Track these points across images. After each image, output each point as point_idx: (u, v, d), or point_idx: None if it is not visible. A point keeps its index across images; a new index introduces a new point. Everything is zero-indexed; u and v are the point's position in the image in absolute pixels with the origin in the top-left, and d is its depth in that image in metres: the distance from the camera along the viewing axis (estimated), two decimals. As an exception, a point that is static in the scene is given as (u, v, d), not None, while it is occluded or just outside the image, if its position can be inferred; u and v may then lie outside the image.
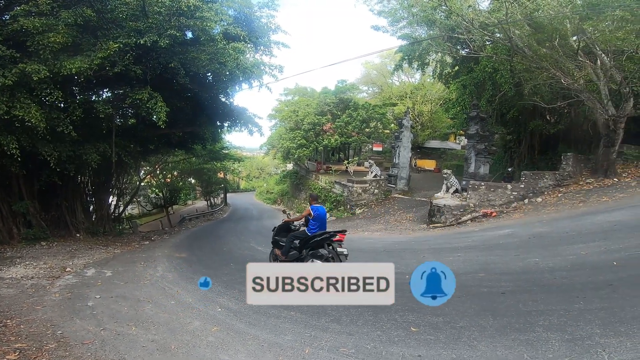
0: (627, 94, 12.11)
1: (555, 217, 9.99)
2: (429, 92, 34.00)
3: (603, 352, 3.36)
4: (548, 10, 11.71)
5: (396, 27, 18.05)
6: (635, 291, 4.60)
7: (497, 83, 14.98)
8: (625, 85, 12.03)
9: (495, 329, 4.11)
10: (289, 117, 30.90)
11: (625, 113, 12.25)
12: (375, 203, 19.97)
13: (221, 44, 10.30)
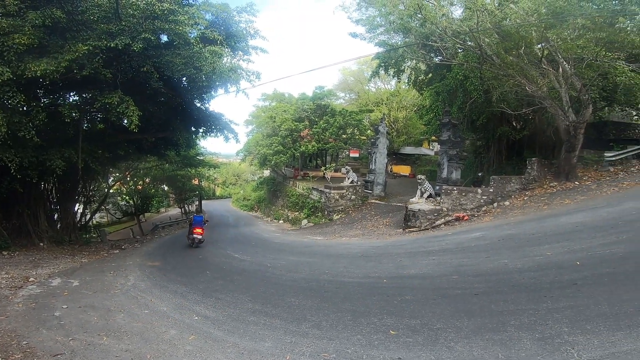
0: (586, 100, 12.86)
1: (522, 220, 10.45)
2: (404, 98, 34.84)
3: (572, 350, 3.49)
4: (515, 19, 12.31)
5: (373, 34, 18.40)
6: (597, 289, 4.82)
7: (468, 90, 15.52)
8: (585, 92, 12.77)
9: (471, 329, 4.22)
10: (266, 123, 30.74)
11: (584, 119, 13.01)
12: (352, 209, 20.15)
13: (197, 47, 10.16)
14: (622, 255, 5.94)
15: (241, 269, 9.40)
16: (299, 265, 9.13)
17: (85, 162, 12.44)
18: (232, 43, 12.44)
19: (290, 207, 26.92)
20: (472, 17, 12.98)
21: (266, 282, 7.59)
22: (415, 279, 6.69)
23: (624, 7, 11.18)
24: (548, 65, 13.01)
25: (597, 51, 12.06)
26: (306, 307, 5.65)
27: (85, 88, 11.99)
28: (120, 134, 13.88)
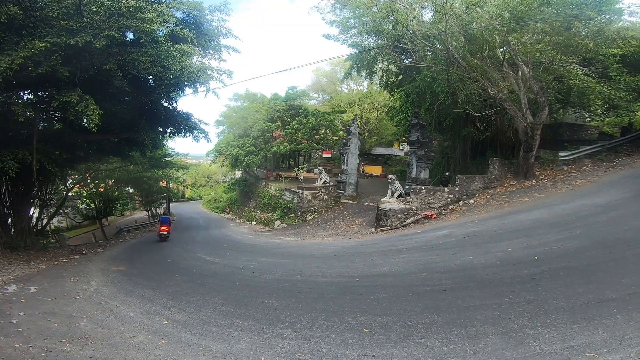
0: (542, 103, 13.71)
1: (485, 217, 10.99)
2: (376, 100, 35.44)
3: (534, 343, 3.66)
4: (481, 23, 12.84)
5: (347, 36, 18.57)
6: (555, 283, 5.13)
7: (436, 92, 16.04)
8: (542, 95, 13.59)
9: (440, 325, 4.37)
10: (237, 123, 30.26)
11: (541, 121, 13.86)
12: (325, 209, 20.27)
13: (165, 45, 9.82)
14: (575, 250, 6.39)
15: (212, 271, 9.21)
16: (272, 267, 9.09)
17: (41, 164, 11.66)
18: (203, 42, 12.12)
19: (262, 209, 26.65)
20: (441, 21, 13.37)
21: (239, 284, 7.49)
22: (387, 277, 6.84)
23: (580, 11, 11.73)
24: (509, 68, 13.69)
25: (554, 55, 12.77)
26: (280, 308, 5.64)
27: (41, 86, 11.24)
28: (79, 134, 13.11)
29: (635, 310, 3.99)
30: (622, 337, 3.52)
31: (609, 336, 3.58)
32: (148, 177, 29.58)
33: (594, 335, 3.65)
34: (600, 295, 4.51)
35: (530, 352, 3.53)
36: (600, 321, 3.90)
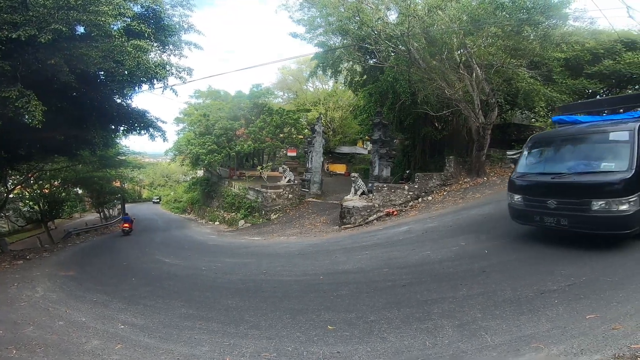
0: (493, 104, 14.63)
1: (442, 213, 11.58)
2: (341, 99, 35.88)
3: (486, 335, 3.81)
4: (441, 25, 13.37)
5: (313, 35, 18.55)
6: (503, 276, 5.47)
7: (397, 92, 16.50)
8: (492, 97, 14.51)
9: (401, 320, 4.49)
10: (198, 121, 29.32)
11: (491, 121, 14.79)
12: (290, 208, 20.25)
13: (119, 40, 9.26)
14: (522, 244, 6.88)
15: (172, 273, 8.92)
16: (236, 267, 8.96)
17: (-25, 164, 10.59)
18: (162, 37, 11.59)
19: (226, 208, 26.10)
20: (405, 22, 13.74)
21: (200, 286, 7.32)
22: (350, 273, 6.99)
23: (530, 16, 12.42)
24: (464, 70, 14.37)
25: (504, 58, 13.56)
26: (244, 308, 5.59)
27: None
28: (21, 132, 12.05)
29: (574, 301, 4.25)
30: (563, 328, 3.70)
31: (552, 327, 3.77)
32: (99, 177, 27.84)
33: (539, 326, 3.83)
34: (543, 286, 4.80)
35: (483, 344, 3.67)
36: (543, 312, 4.12)
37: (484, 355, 3.46)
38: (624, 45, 16.81)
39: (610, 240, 5.87)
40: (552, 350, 3.32)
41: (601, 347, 3.20)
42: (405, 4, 13.74)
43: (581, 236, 6.06)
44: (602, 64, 16.22)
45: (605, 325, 3.58)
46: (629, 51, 16.48)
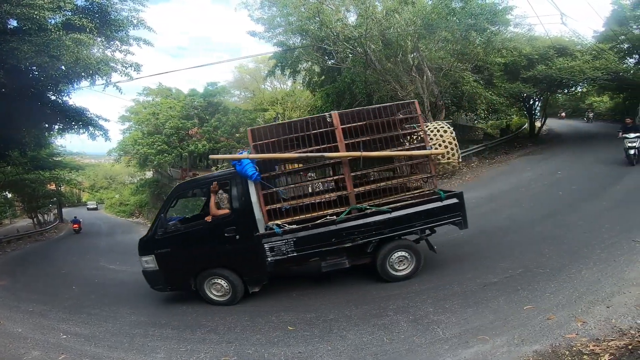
0: (441, 106, 15.54)
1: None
2: (299, 99, 35.77)
3: (438, 329, 3.99)
4: (397, 28, 13.91)
5: (272, 34, 18.36)
6: (449, 270, 5.75)
7: (354, 93, 16.92)
8: (440, 98, 15.41)
9: (359, 317, 4.60)
10: (147, 120, 27.75)
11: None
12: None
13: (56, 34, 8.51)
14: (464, 238, 7.15)
15: (119, 280, 8.41)
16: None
17: None
18: (108, 32, 10.84)
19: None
20: (363, 25, 14.07)
21: (151, 292, 6.95)
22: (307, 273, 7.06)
23: (477, 22, 13.28)
24: (416, 73, 15.13)
25: (452, 62, 14.50)
26: (200, 313, 5.42)
27: None
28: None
29: (512, 293, 4.58)
30: (505, 319, 3.96)
31: (495, 318, 4.02)
32: (31, 180, 25.24)
33: (483, 318, 4.07)
34: (485, 279, 5.14)
35: (436, 337, 3.85)
36: (487, 304, 4.39)
37: (437, 349, 3.63)
38: (556, 51, 18.43)
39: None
40: (496, 342, 3.53)
41: (539, 337, 3.46)
42: (364, 6, 14.11)
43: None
44: (536, 69, 17.62)
45: (541, 315, 3.87)
46: (560, 57, 18.10)
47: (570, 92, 25.47)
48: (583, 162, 13.83)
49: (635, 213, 7.20)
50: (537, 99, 23.43)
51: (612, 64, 18.34)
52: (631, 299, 3.86)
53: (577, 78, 17.84)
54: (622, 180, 10.17)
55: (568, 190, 10.03)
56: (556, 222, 7.50)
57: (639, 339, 3.08)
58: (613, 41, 20.50)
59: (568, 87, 21.79)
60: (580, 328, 3.48)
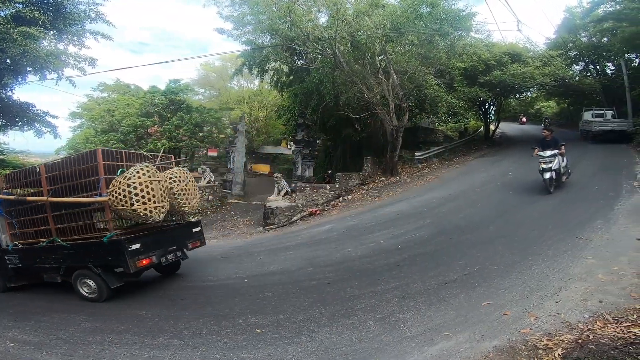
0: (405, 108, 16.03)
1: (360, 211, 12.30)
2: (266, 98, 35.25)
3: (404, 327, 4.10)
4: (366, 31, 14.10)
5: (241, 32, 17.87)
6: (413, 269, 6.01)
7: (322, 94, 16.89)
8: (405, 101, 15.89)
9: (327, 318, 4.64)
10: (101, 117, 26.08)
11: (403, 124, 16.21)
12: (210, 210, 19.35)
13: (3, 27, 7.79)
14: (427, 238, 7.72)
15: (68, 284, 7.87)
16: (149, 275, 8.26)
17: None
18: (61, 25, 10.07)
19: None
20: (334, 26, 14.08)
21: (109, 298, 6.61)
22: (276, 275, 6.99)
23: (442, 26, 13.75)
24: (383, 75, 15.46)
25: (417, 65, 14.96)
26: (162, 318, 5.21)
27: None
28: None
29: (471, 290, 4.83)
30: (465, 316, 4.15)
31: (457, 315, 4.21)
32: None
33: (446, 316, 4.24)
34: (446, 277, 5.39)
35: (403, 335, 3.97)
36: (448, 302, 4.60)
37: (405, 346, 3.75)
38: (511, 57, 19.65)
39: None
40: (459, 338, 3.70)
41: (497, 333, 3.66)
42: (336, 7, 14.17)
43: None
44: (492, 74, 18.77)
45: (497, 311, 4.11)
46: (514, 63, 19.32)
47: (521, 97, 27.28)
48: (531, 164, 14.86)
49: (577, 210, 7.92)
50: (492, 103, 24.89)
51: (560, 70, 19.83)
52: (577, 294, 4.21)
53: (528, 84, 19.20)
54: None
55: (518, 190, 10.79)
56: (508, 221, 8.06)
57: (588, 333, 3.32)
58: (562, 48, 22.20)
59: (520, 92, 23.32)
60: (533, 323, 3.73)
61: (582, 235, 6.26)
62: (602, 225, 6.75)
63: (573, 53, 23.27)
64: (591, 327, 3.41)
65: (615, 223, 6.81)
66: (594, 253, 5.41)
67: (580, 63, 24.88)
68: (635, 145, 15.95)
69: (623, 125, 18.08)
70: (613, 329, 3.28)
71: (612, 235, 6.15)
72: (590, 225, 6.82)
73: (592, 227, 6.71)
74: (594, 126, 18.75)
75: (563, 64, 21.31)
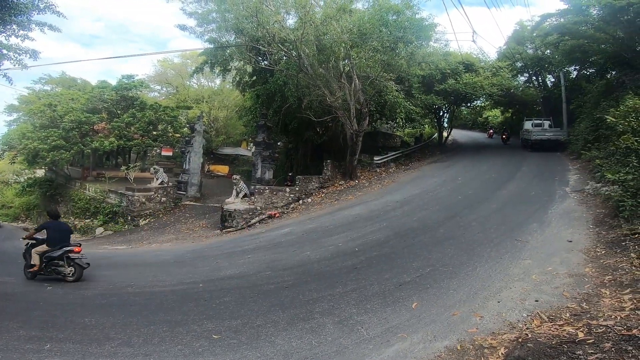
0: (365, 113, 16.39)
1: (320, 214, 12.39)
2: (227, 98, 34.28)
3: (362, 329, 4.19)
4: (333, 35, 14.19)
5: (205, 29, 17.29)
6: (370, 271, 6.15)
7: (285, 96, 16.69)
8: (366, 106, 16.23)
9: (286, 322, 4.61)
10: (41, 111, 23.88)
11: (363, 128, 16.55)
12: (163, 212, 18.43)
13: None
14: (383, 240, 7.97)
15: (1, 292, 7.11)
16: (92, 280, 7.67)
17: None
18: (6, 16, 9.06)
19: (77, 214, 22.01)
20: (301, 28, 14.00)
21: (44, 304, 5.99)
22: (233, 279, 6.82)
23: (405, 34, 14.12)
24: (345, 80, 15.65)
25: (379, 71, 15.35)
26: (107, 325, 4.87)
27: None
28: None
29: (423, 291, 5.05)
30: (419, 317, 4.32)
31: (411, 316, 4.37)
32: None
33: (401, 317, 4.39)
34: (401, 279, 5.60)
35: (361, 337, 4.06)
36: (403, 303, 4.76)
37: (363, 349, 3.84)
38: (465, 67, 20.74)
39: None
40: (413, 339, 3.86)
41: (447, 333, 3.85)
42: (304, 10, 14.15)
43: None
44: (447, 83, 19.71)
45: (447, 312, 4.34)
46: (467, 72, 20.41)
47: (471, 106, 29.04)
48: (478, 170, 16.00)
49: (516, 214, 8.64)
50: (446, 110, 26.23)
51: (506, 81, 21.22)
52: (516, 294, 4.58)
53: (478, 93, 20.41)
54: (507, 185, 12.07)
55: (466, 195, 11.52)
56: (456, 223, 8.57)
57: (527, 332, 3.61)
58: (510, 59, 23.71)
59: (471, 101, 24.81)
60: (479, 322, 3.99)
61: (520, 238, 6.83)
62: (538, 228, 7.42)
63: (519, 64, 24.70)
64: (529, 326, 3.73)
65: (549, 226, 7.53)
66: (530, 254, 5.93)
67: (525, 74, 26.58)
68: (568, 154, 17.54)
69: (558, 135, 19.77)
70: (549, 328, 3.60)
71: (546, 237, 6.79)
72: (527, 228, 7.47)
73: (528, 229, 7.35)
74: (532, 135, 20.18)
75: (509, 75, 22.70)
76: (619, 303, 3.91)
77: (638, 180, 6.77)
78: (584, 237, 6.64)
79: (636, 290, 4.15)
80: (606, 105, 13.71)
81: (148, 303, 5.84)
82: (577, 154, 15.83)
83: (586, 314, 3.79)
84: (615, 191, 7.70)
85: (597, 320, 3.52)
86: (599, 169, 10.71)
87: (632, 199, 6.63)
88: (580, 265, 5.32)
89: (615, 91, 15.29)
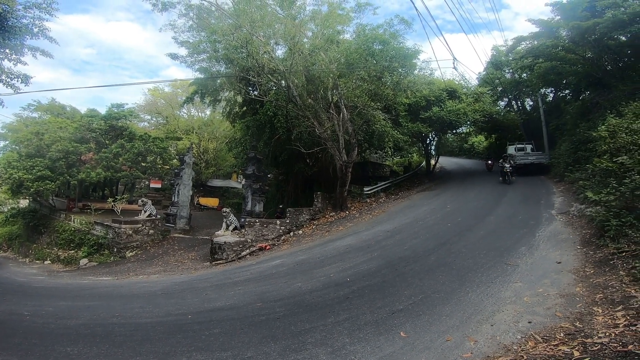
0: (354, 143, 16.64)
1: (311, 246, 12.29)
2: (217, 129, 34.48)
3: (355, 359, 4.11)
4: (321, 65, 14.67)
5: (196, 59, 17.74)
6: (362, 300, 6.09)
7: (275, 127, 16.93)
8: (354, 136, 16.47)
9: (277, 353, 4.49)
10: (28, 139, 23.71)
11: (352, 159, 16.74)
12: (151, 244, 18.01)
13: None
14: (374, 270, 7.90)
15: None
16: (76, 311, 7.30)
17: None
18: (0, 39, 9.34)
19: (62, 245, 21.39)
20: (289, 59, 14.45)
21: (23, 333, 5.68)
22: (223, 310, 6.64)
23: (391, 64, 14.64)
24: (334, 110, 15.96)
25: (366, 101, 15.60)
26: (91, 356, 4.65)
27: None
28: None
29: (416, 318, 5.02)
30: (412, 344, 4.27)
31: (404, 344, 4.32)
32: None
33: (394, 345, 4.34)
34: (393, 307, 5.55)
35: None
36: (396, 331, 4.70)
37: None
38: (448, 93, 21.06)
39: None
40: None
41: (442, 359, 3.80)
42: (293, 41, 14.71)
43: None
44: (431, 110, 19.97)
45: (441, 338, 4.31)
46: (451, 99, 20.66)
47: (456, 132, 29.17)
48: (466, 197, 16.28)
49: (505, 239, 8.77)
50: (432, 138, 26.59)
51: (487, 106, 21.52)
52: (509, 316, 4.60)
53: (462, 120, 20.59)
54: (494, 210, 12.30)
55: (455, 222, 11.66)
56: (447, 251, 8.62)
57: (522, 353, 3.61)
58: (490, 85, 24.38)
59: (455, 128, 25.24)
60: (473, 347, 3.97)
61: (509, 261, 6.92)
62: (526, 251, 7.55)
63: (499, 89, 25.37)
64: (524, 348, 3.73)
65: (537, 249, 7.66)
66: (520, 277, 6.00)
67: (505, 99, 27.19)
68: (552, 177, 17.95)
69: (541, 158, 20.28)
70: (544, 348, 3.61)
71: (535, 260, 6.89)
72: (516, 251, 7.59)
73: (518, 253, 7.47)
74: (516, 160, 20.53)
75: (491, 100, 23.07)
76: (612, 320, 3.95)
77: (620, 200, 7.04)
78: (572, 258, 6.78)
79: (628, 306, 4.21)
80: (585, 127, 14.14)
81: (134, 334, 5.61)
82: (560, 176, 16.22)
83: (580, 332, 3.82)
84: (598, 212, 7.90)
85: (591, 338, 3.55)
86: (582, 191, 11.04)
87: (615, 219, 6.87)
88: (571, 285, 5.40)
89: (591, 112, 15.83)
